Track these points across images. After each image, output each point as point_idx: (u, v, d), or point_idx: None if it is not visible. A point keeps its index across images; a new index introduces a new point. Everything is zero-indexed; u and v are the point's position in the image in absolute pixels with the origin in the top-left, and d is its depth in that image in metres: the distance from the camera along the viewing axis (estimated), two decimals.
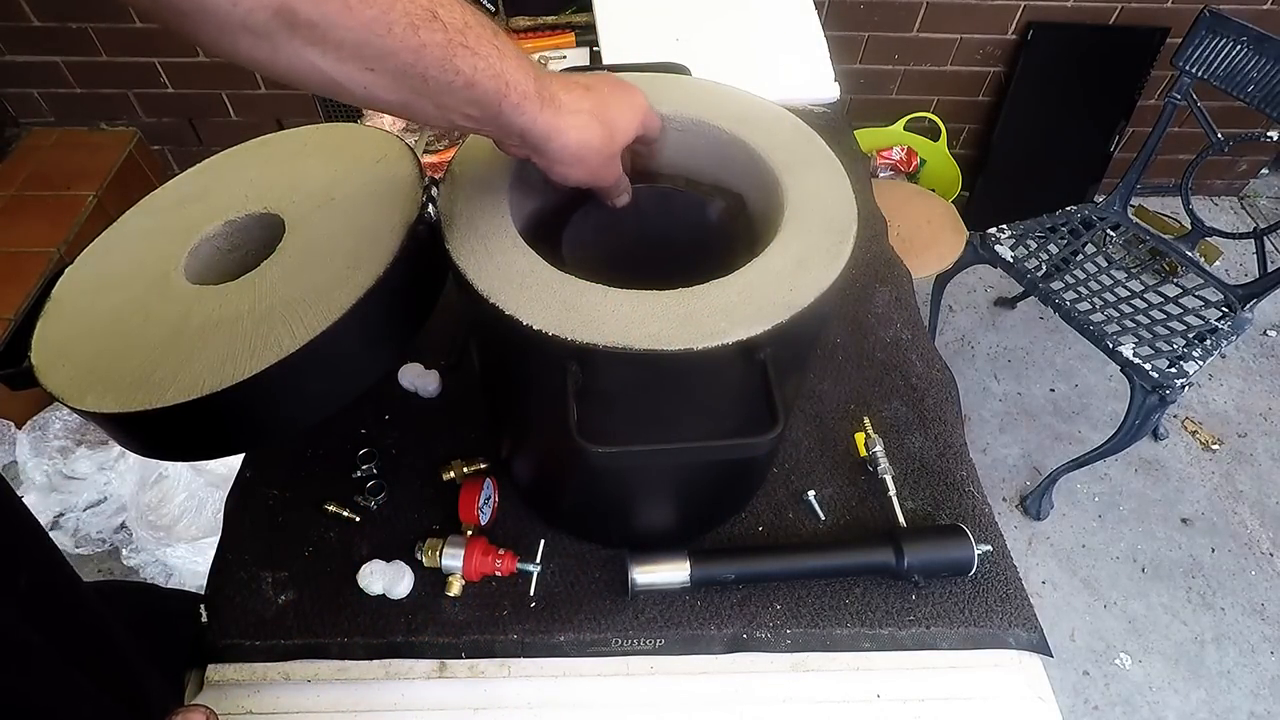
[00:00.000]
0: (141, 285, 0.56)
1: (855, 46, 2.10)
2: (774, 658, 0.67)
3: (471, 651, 0.65)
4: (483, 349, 0.61)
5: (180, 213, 0.58)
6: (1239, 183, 2.52)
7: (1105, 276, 1.66)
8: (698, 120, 0.60)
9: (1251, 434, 1.94)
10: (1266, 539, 1.75)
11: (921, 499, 0.76)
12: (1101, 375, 2.02)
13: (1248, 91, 1.50)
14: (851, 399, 0.84)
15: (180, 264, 0.56)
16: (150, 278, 0.56)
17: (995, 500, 1.73)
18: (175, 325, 0.51)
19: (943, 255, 1.72)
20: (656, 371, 0.47)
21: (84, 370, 0.51)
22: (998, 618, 0.68)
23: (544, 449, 0.66)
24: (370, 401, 0.81)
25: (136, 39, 1.99)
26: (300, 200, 0.57)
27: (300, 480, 0.74)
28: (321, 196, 0.57)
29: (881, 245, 1.04)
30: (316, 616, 0.66)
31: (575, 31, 1.29)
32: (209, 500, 1.43)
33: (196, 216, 0.59)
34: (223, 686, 0.64)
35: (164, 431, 0.50)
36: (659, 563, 0.66)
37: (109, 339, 0.52)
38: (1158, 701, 1.50)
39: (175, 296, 0.54)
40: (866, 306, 0.95)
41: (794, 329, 0.47)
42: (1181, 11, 2.02)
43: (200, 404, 0.45)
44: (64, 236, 1.85)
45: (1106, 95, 2.16)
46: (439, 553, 0.66)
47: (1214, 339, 1.52)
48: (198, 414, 0.46)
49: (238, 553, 0.69)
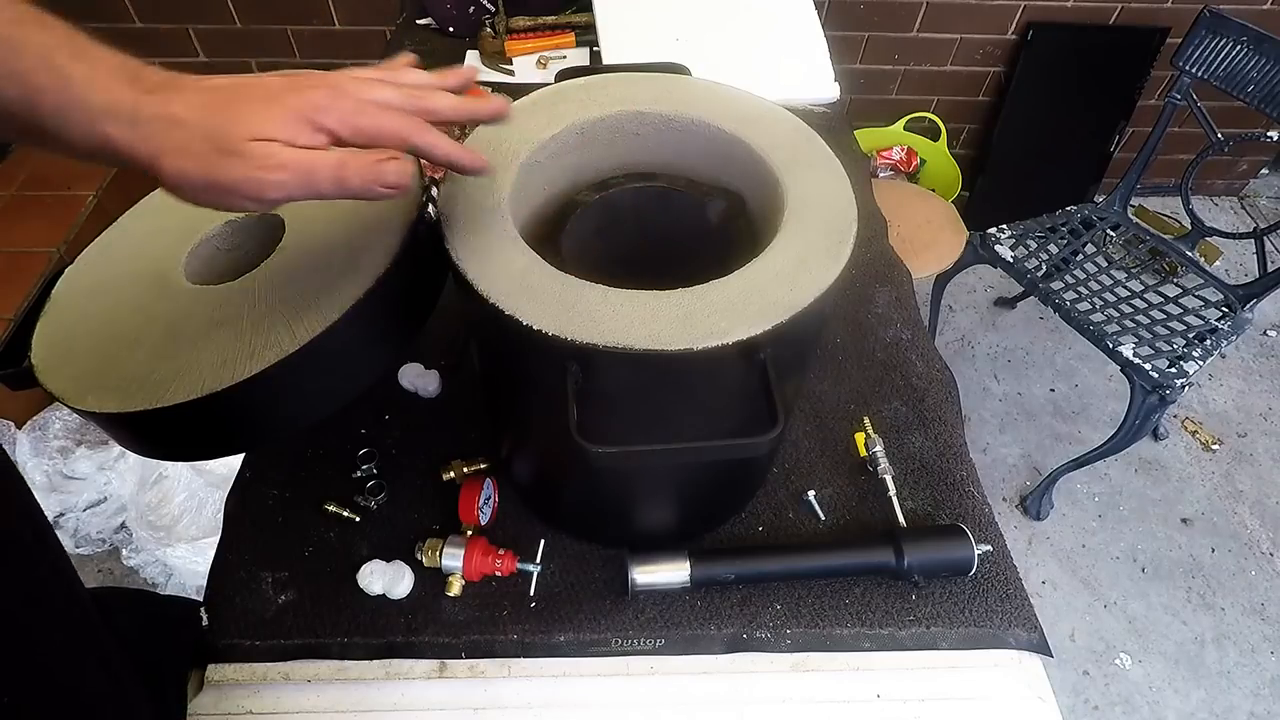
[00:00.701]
0: (142, 285, 0.56)
1: (855, 46, 2.10)
2: (774, 658, 0.67)
3: (471, 651, 0.65)
4: (483, 349, 0.61)
5: (179, 213, 0.58)
6: (1239, 183, 2.52)
7: (1105, 276, 1.66)
8: (698, 120, 0.59)
9: (1251, 434, 1.94)
10: (1266, 539, 1.75)
11: (921, 499, 0.76)
12: (1101, 375, 2.02)
13: (1248, 91, 1.50)
14: (851, 399, 0.84)
15: (180, 264, 0.56)
16: (150, 278, 0.56)
17: (995, 500, 1.73)
18: (175, 325, 0.51)
19: (943, 255, 1.72)
20: (656, 371, 0.47)
21: (84, 370, 0.51)
22: (998, 618, 0.68)
23: (544, 449, 0.66)
24: (370, 401, 0.81)
25: (136, 39, 1.99)
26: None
27: (300, 480, 0.74)
28: None
29: (881, 245, 1.04)
30: (316, 616, 0.66)
31: (575, 31, 1.29)
32: (209, 500, 1.43)
33: (196, 216, 0.59)
34: (223, 686, 0.64)
35: (165, 431, 0.50)
36: (659, 563, 0.66)
37: (109, 339, 0.52)
38: (1158, 701, 1.50)
39: (175, 296, 0.54)
40: (866, 306, 0.95)
41: (794, 329, 0.47)
42: (1181, 11, 2.02)
43: (200, 404, 0.45)
44: (64, 236, 1.85)
45: (1106, 95, 2.16)
46: (439, 553, 0.66)
47: (1214, 339, 1.52)
48: (198, 414, 0.46)
49: (238, 553, 0.69)
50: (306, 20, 1.99)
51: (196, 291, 0.54)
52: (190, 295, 0.54)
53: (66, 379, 0.51)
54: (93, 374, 0.50)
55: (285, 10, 1.97)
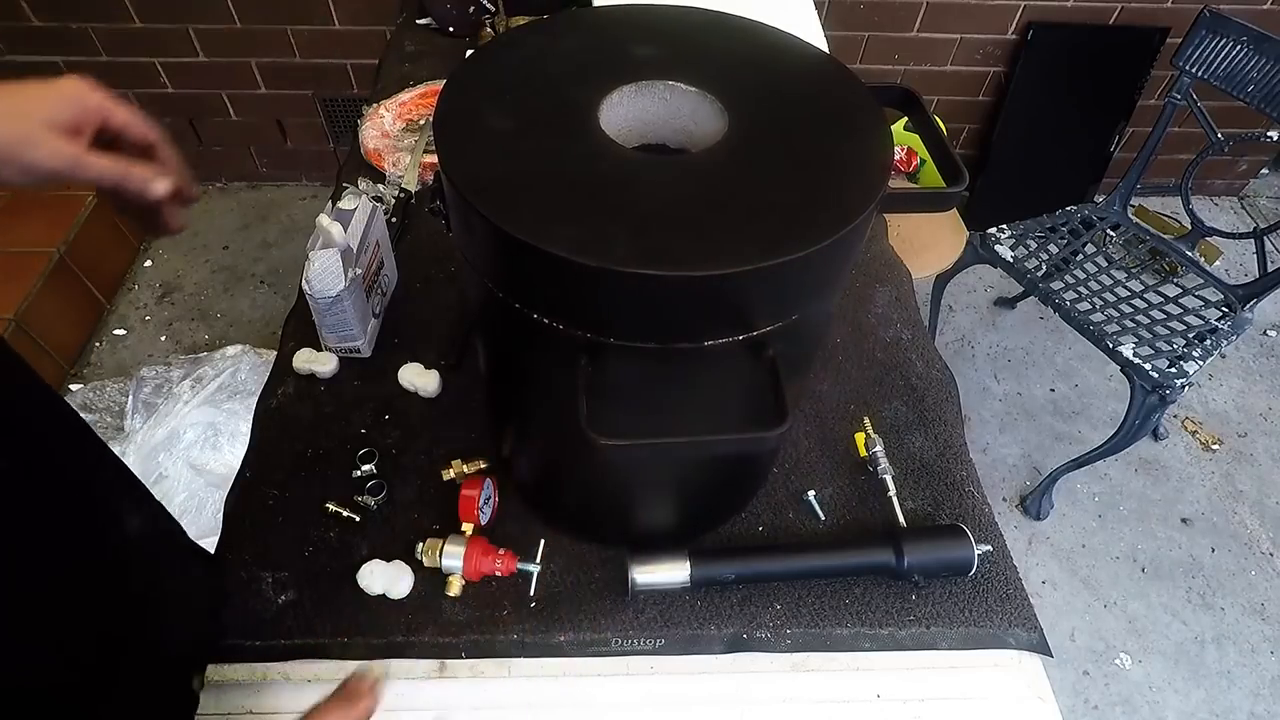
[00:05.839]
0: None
1: (855, 46, 2.10)
2: (774, 658, 0.67)
3: (471, 651, 0.65)
4: (488, 343, 0.61)
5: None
6: (1239, 183, 2.52)
7: (1105, 276, 1.66)
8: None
9: (1251, 434, 1.94)
10: (1266, 539, 1.75)
11: (921, 499, 0.76)
12: (1101, 375, 2.02)
13: (1248, 91, 1.50)
14: (851, 399, 0.84)
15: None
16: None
17: (995, 500, 1.72)
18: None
19: (943, 255, 1.72)
20: (665, 365, 0.47)
21: None
22: (998, 618, 0.68)
23: (549, 444, 0.66)
24: (370, 401, 0.81)
25: (136, 39, 1.99)
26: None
27: (300, 480, 0.74)
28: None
29: (881, 245, 1.04)
30: (316, 616, 0.66)
31: None
32: (209, 500, 1.43)
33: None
34: (223, 686, 0.64)
35: None
36: (659, 563, 0.66)
37: None
38: (1158, 701, 1.50)
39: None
40: (866, 306, 0.95)
41: (801, 323, 0.47)
42: (1181, 11, 2.02)
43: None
44: (64, 236, 1.85)
45: (1106, 95, 2.16)
46: (439, 553, 0.66)
47: (1214, 339, 1.52)
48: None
49: (238, 553, 0.69)
50: (306, 20, 1.99)
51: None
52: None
53: None
54: None
55: (285, 10, 1.97)
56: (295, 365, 0.82)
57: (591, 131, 0.49)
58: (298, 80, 2.13)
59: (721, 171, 0.48)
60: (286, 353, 0.84)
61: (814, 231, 0.43)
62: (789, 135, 0.51)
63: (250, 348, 1.64)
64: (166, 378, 1.61)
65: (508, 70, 0.53)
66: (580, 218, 0.44)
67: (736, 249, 0.42)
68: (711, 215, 0.45)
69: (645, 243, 0.42)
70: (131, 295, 2.05)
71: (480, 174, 0.46)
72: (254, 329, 1.99)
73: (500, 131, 0.49)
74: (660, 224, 0.44)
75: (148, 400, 1.57)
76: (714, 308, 0.45)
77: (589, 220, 0.44)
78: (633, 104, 0.54)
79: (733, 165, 0.48)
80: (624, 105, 0.53)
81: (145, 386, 1.60)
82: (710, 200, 0.46)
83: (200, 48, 2.04)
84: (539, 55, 0.55)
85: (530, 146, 0.48)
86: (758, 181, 0.47)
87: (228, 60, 2.07)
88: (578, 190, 0.46)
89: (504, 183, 0.45)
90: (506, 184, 0.45)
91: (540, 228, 0.42)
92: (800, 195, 0.47)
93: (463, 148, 0.47)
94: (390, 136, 1.10)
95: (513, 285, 0.48)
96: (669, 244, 0.43)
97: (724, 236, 0.44)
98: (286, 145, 2.30)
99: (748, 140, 0.50)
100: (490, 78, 0.53)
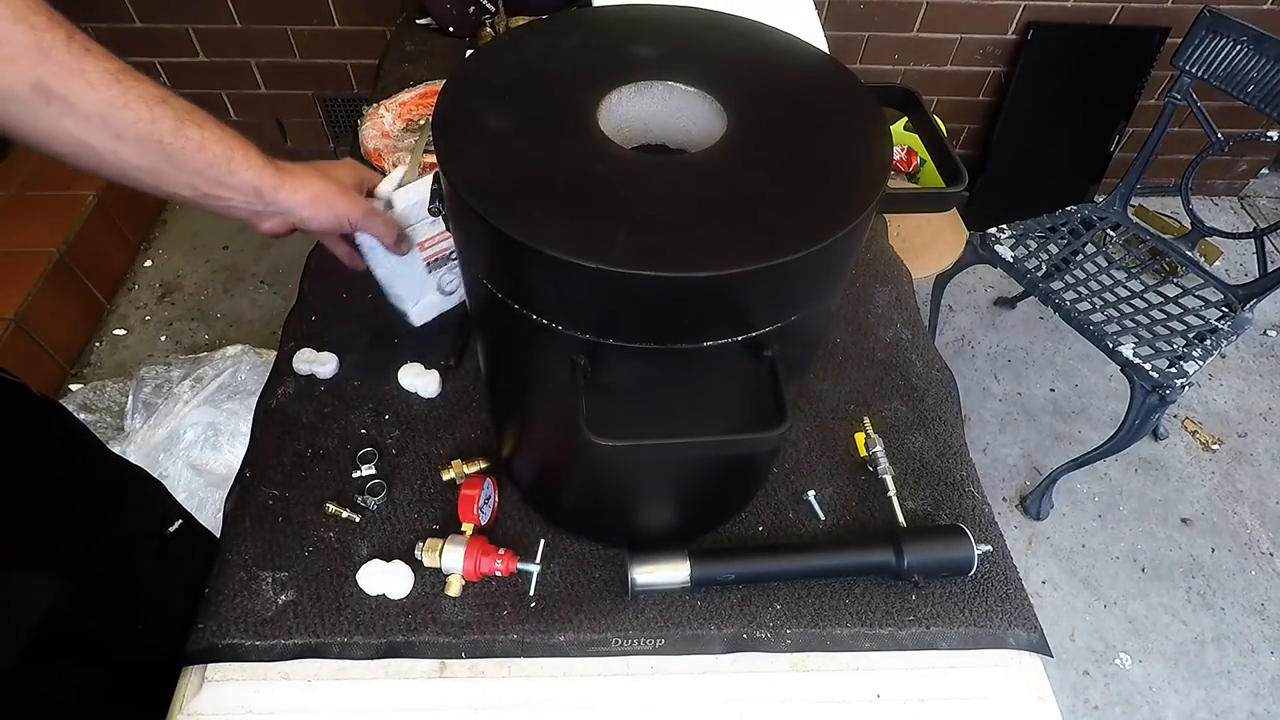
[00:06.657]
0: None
1: (855, 46, 2.10)
2: (774, 658, 0.67)
3: (471, 651, 0.65)
4: (488, 344, 0.61)
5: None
6: (1239, 183, 2.52)
7: (1105, 276, 1.66)
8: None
9: (1251, 434, 1.94)
10: (1266, 539, 1.75)
11: (921, 499, 0.76)
12: (1101, 375, 2.02)
13: (1248, 91, 1.50)
14: (851, 399, 0.84)
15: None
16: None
17: (995, 500, 1.73)
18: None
19: (943, 255, 1.72)
20: (664, 365, 0.47)
21: None
22: (998, 618, 0.68)
23: (549, 445, 0.66)
24: (370, 401, 0.81)
25: (136, 39, 1.99)
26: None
27: (300, 480, 0.74)
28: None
29: (881, 245, 1.04)
30: (316, 616, 0.66)
31: None
32: (209, 500, 1.43)
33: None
34: (223, 686, 0.64)
35: None
36: (659, 563, 0.66)
37: None
38: (1158, 701, 1.50)
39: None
40: (866, 306, 0.95)
41: (801, 323, 0.47)
42: (1181, 11, 2.02)
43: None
44: (64, 236, 1.85)
45: (1106, 95, 2.16)
46: (439, 553, 0.66)
47: (1214, 339, 1.52)
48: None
49: (238, 553, 0.69)
50: (306, 20, 1.99)
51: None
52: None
53: None
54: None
55: (285, 10, 1.97)
56: (295, 365, 0.82)
57: (590, 132, 0.49)
58: (298, 80, 2.13)
59: (720, 172, 0.48)
60: (286, 353, 0.84)
61: (814, 231, 0.43)
62: (788, 135, 0.51)
63: (250, 348, 1.64)
64: (166, 378, 1.61)
65: (507, 70, 0.53)
66: (579, 218, 0.44)
67: (736, 249, 0.42)
68: (711, 215, 0.45)
69: (644, 243, 0.42)
70: (132, 295, 2.05)
71: (479, 174, 0.46)
72: (254, 329, 1.99)
73: (499, 132, 0.49)
74: (659, 224, 0.44)
75: (148, 400, 1.57)
76: (713, 308, 0.45)
77: (588, 220, 0.43)
78: (632, 104, 0.54)
79: (732, 165, 0.48)
80: (623, 105, 0.53)
81: (145, 386, 1.60)
82: (709, 200, 0.46)
83: (200, 48, 2.04)
84: (539, 55, 0.55)
85: (529, 147, 0.48)
86: (757, 182, 0.47)
87: (228, 60, 2.07)
88: (576, 190, 0.46)
89: (503, 183, 0.45)
90: (505, 184, 0.45)
91: (539, 228, 0.42)
92: (800, 195, 0.47)
93: (462, 148, 0.47)
94: (390, 136, 1.10)
95: (512, 286, 0.48)
96: (668, 244, 0.42)
97: (723, 237, 0.43)
98: (286, 145, 2.30)
99: (747, 140, 0.50)
100: (490, 78, 0.53)
